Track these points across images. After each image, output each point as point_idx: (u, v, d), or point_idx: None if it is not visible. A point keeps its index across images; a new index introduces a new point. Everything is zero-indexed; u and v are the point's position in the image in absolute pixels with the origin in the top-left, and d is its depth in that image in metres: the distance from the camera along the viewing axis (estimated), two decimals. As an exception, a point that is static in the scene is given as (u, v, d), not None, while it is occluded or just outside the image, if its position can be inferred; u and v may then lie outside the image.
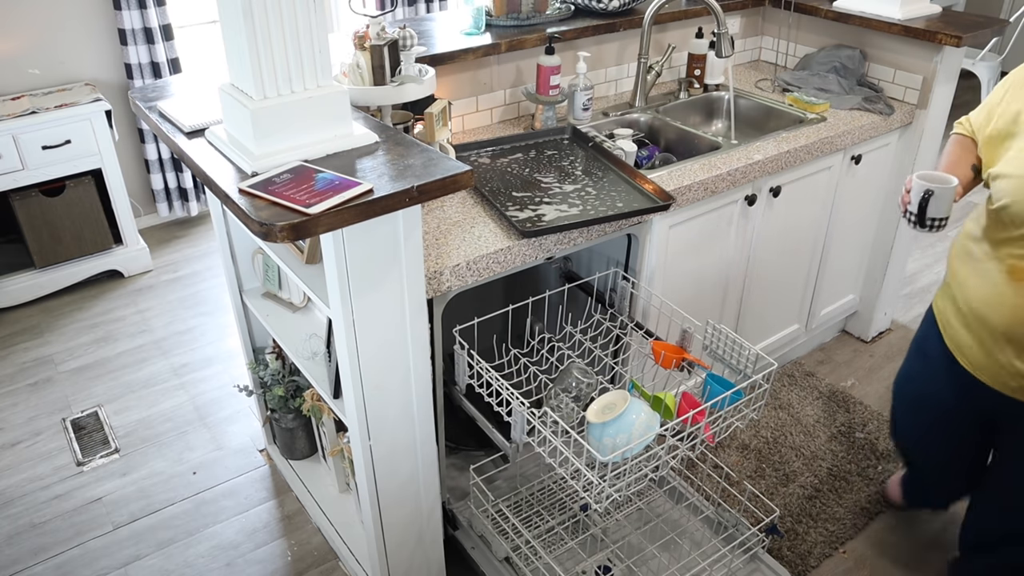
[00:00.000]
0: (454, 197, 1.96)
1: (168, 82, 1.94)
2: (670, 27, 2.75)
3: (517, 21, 2.46)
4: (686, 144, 2.45)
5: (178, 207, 3.90)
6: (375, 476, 1.73)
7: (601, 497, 1.56)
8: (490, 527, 2.01)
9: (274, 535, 2.29)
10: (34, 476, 2.50)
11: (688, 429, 1.65)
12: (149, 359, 3.02)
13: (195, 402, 2.80)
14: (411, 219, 1.50)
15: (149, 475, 2.49)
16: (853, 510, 2.34)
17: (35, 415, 2.75)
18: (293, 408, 2.23)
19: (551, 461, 1.66)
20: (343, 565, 2.20)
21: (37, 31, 3.32)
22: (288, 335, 2.00)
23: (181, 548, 2.25)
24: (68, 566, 2.20)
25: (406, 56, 1.81)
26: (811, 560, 2.19)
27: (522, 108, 2.53)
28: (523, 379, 2.07)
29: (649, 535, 2.08)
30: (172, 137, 1.63)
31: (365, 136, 1.55)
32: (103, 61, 3.52)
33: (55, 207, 3.26)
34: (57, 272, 3.36)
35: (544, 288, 2.25)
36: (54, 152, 3.17)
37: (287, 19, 1.38)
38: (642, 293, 2.13)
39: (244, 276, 2.16)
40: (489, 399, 1.77)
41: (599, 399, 1.63)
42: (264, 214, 1.32)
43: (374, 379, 1.61)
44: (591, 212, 1.90)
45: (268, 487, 2.44)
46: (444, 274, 1.67)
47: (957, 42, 2.44)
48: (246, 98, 1.43)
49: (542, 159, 2.18)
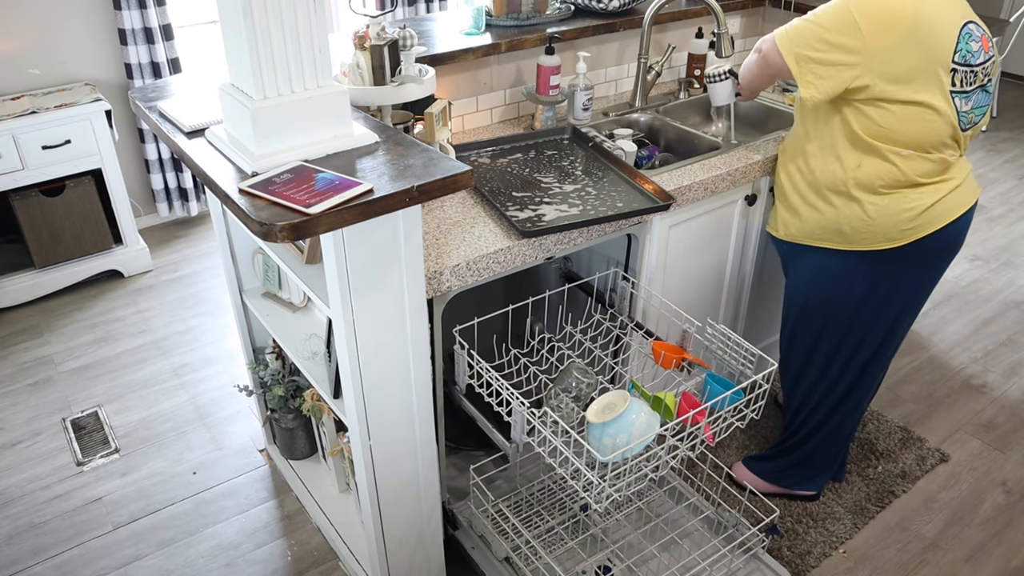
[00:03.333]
0: (454, 197, 1.96)
1: (168, 82, 1.94)
2: (670, 27, 2.75)
3: (517, 21, 2.46)
4: (686, 144, 2.45)
5: (178, 207, 3.90)
6: (375, 476, 1.73)
7: (601, 497, 1.56)
8: (490, 527, 2.01)
9: (274, 535, 2.29)
10: (34, 476, 2.50)
11: (688, 429, 1.65)
12: (149, 359, 3.02)
13: (195, 402, 2.80)
14: (411, 219, 1.50)
15: (149, 475, 2.49)
16: (853, 510, 2.34)
17: (35, 415, 2.75)
18: (293, 408, 2.23)
19: (551, 461, 1.66)
20: (343, 565, 2.20)
21: (37, 31, 3.32)
22: (288, 335, 2.00)
23: (181, 548, 2.25)
24: (68, 566, 2.20)
25: (406, 56, 1.81)
26: (811, 560, 2.19)
27: (522, 108, 2.53)
28: (523, 379, 2.07)
29: (649, 535, 2.08)
30: (172, 137, 1.63)
31: (365, 136, 1.55)
32: (103, 61, 3.52)
33: (55, 207, 3.26)
34: (57, 272, 3.36)
35: (544, 288, 2.25)
36: (54, 152, 3.17)
37: (287, 19, 1.38)
38: (642, 293, 2.13)
39: (244, 276, 2.16)
40: (489, 399, 1.77)
41: (599, 399, 1.63)
42: (264, 214, 1.32)
43: (374, 379, 1.61)
44: (591, 212, 1.90)
45: (268, 487, 2.44)
46: (444, 274, 1.67)
47: (957, 42, 2.44)
48: (246, 98, 1.43)
49: (542, 159, 2.18)
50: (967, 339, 3.11)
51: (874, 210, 1.86)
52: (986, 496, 2.41)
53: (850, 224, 1.89)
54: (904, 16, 1.70)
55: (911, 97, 1.75)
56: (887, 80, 1.74)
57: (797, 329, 2.13)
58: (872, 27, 1.70)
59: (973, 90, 1.81)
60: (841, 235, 1.92)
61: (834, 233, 1.93)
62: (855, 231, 1.89)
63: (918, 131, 1.79)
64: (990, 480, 2.47)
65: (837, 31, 1.74)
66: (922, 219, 1.86)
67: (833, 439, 2.25)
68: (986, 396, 2.82)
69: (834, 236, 1.93)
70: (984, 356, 3.02)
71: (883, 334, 2.05)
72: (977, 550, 2.24)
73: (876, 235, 1.88)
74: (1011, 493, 2.42)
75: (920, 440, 2.60)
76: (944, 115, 1.77)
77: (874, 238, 1.89)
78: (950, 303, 3.34)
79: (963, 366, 2.97)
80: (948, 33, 1.74)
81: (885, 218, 1.86)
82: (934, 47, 1.73)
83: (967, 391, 2.84)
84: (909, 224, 1.86)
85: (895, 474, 2.47)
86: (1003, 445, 2.60)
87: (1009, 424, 2.69)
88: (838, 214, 1.90)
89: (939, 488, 2.44)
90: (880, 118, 1.78)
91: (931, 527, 2.31)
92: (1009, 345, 3.07)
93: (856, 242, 1.91)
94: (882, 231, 1.87)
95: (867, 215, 1.86)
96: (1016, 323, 3.21)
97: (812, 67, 1.78)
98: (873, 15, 1.71)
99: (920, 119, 1.77)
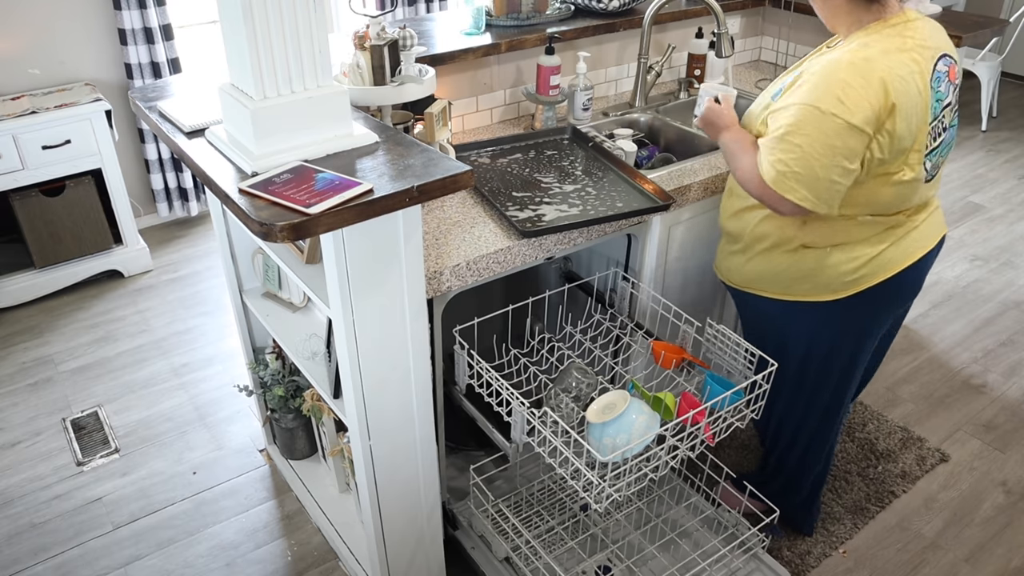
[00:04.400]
0: (454, 197, 1.96)
1: (168, 82, 1.94)
2: (670, 27, 2.75)
3: (517, 21, 2.46)
4: (686, 144, 2.45)
5: (178, 207, 3.90)
6: (375, 476, 1.73)
7: (601, 497, 1.56)
8: (490, 527, 2.01)
9: (274, 535, 2.29)
10: (34, 476, 2.50)
11: (688, 429, 1.65)
12: (149, 359, 3.02)
13: (195, 402, 2.80)
14: (411, 219, 1.50)
15: (149, 475, 2.49)
16: (853, 510, 2.34)
17: (35, 415, 2.75)
18: (293, 408, 2.23)
19: (551, 461, 1.66)
20: (343, 565, 2.20)
21: (37, 31, 3.32)
22: (288, 335, 2.00)
23: (181, 548, 2.25)
24: (68, 566, 2.20)
25: (406, 56, 1.81)
26: (811, 560, 2.19)
27: (522, 108, 2.53)
28: (523, 379, 2.07)
29: (649, 535, 2.08)
30: (172, 137, 1.63)
31: (365, 136, 1.55)
32: (103, 61, 3.52)
33: (55, 207, 3.26)
34: (57, 272, 3.36)
35: (544, 288, 2.25)
36: (54, 152, 3.17)
37: (287, 19, 1.38)
38: (642, 293, 2.13)
39: (244, 276, 2.16)
40: (489, 399, 1.77)
41: (599, 399, 1.63)
42: (264, 214, 1.32)
43: (374, 379, 1.61)
44: (591, 212, 1.90)
45: (268, 487, 2.45)
46: (444, 274, 1.67)
47: (957, 42, 2.44)
48: (246, 98, 1.43)
49: (542, 159, 2.18)
50: (967, 339, 3.11)
51: (814, 262, 1.74)
52: (986, 496, 2.41)
53: (789, 275, 1.79)
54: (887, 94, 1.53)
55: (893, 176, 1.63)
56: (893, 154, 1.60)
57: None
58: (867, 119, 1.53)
59: (940, 142, 1.68)
60: (780, 284, 1.81)
61: (771, 283, 1.83)
62: (795, 282, 1.79)
63: (884, 201, 1.67)
64: (990, 480, 2.47)
65: (846, 145, 1.55)
66: (868, 268, 1.73)
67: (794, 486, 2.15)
68: (986, 396, 2.82)
69: (772, 286, 1.83)
70: (984, 356, 3.02)
71: (834, 382, 1.93)
72: (977, 550, 2.24)
73: (817, 286, 1.77)
74: (1011, 493, 2.42)
75: (920, 440, 2.60)
76: (914, 184, 1.66)
77: (815, 289, 1.77)
78: (950, 303, 3.34)
79: (963, 366, 2.97)
80: (923, 103, 1.59)
81: (825, 269, 1.74)
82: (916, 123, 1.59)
83: (967, 391, 2.84)
84: (852, 275, 1.73)
85: (895, 474, 2.47)
86: (1003, 445, 2.60)
87: (1009, 424, 2.69)
88: (776, 265, 1.79)
89: (939, 488, 2.44)
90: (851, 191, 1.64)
91: (931, 527, 2.31)
92: (1009, 345, 3.07)
93: (796, 293, 1.80)
94: (824, 282, 1.76)
95: (807, 267, 1.75)
96: (1016, 323, 3.21)
97: (838, 191, 1.60)
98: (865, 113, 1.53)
99: (889, 191, 1.65)
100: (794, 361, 1.91)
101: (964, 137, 4.96)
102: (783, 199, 1.61)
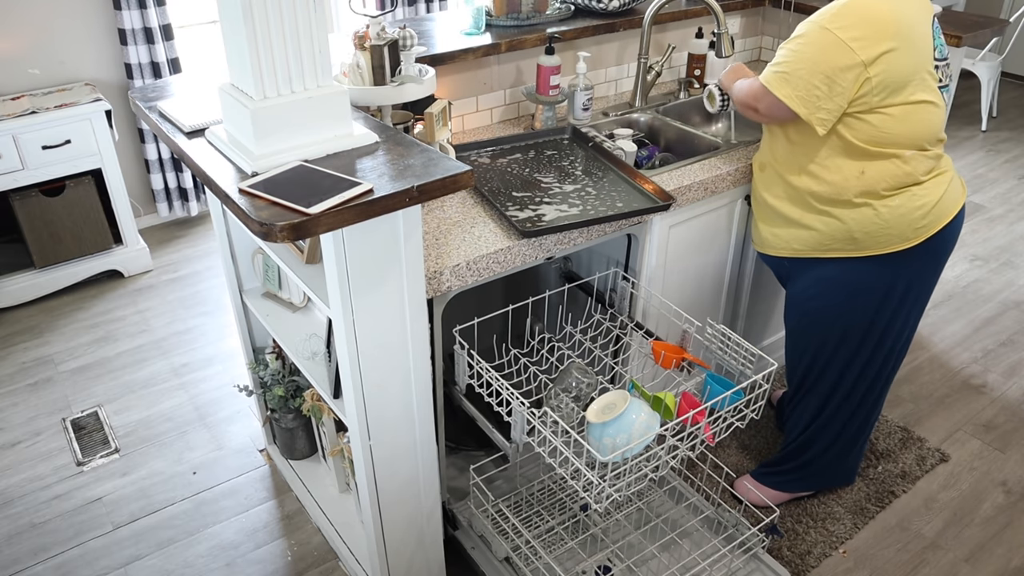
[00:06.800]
0: (454, 197, 1.96)
1: (168, 82, 1.94)
2: (670, 27, 2.75)
3: (517, 21, 2.46)
4: (686, 144, 2.45)
5: (178, 207, 3.90)
6: (375, 476, 1.73)
7: (601, 497, 1.56)
8: (490, 527, 2.01)
9: (274, 535, 2.29)
10: (34, 476, 2.50)
11: (688, 429, 1.65)
12: (149, 359, 3.02)
13: (195, 402, 2.80)
14: (411, 219, 1.50)
15: (149, 475, 2.49)
16: (853, 510, 2.34)
17: (35, 415, 2.75)
18: (293, 408, 2.23)
19: (551, 461, 1.66)
20: (343, 565, 2.20)
21: (37, 31, 3.32)
22: (288, 335, 2.00)
23: (181, 548, 2.25)
24: (68, 566, 2.20)
25: (406, 56, 1.81)
26: (811, 560, 2.19)
27: (522, 108, 2.53)
28: (523, 379, 2.07)
29: (649, 535, 2.08)
30: (172, 137, 1.63)
31: (365, 136, 1.55)
32: (103, 61, 3.52)
33: (55, 207, 3.26)
34: (57, 272, 3.36)
35: (544, 288, 2.25)
36: (54, 152, 3.17)
37: (287, 19, 1.38)
38: (642, 293, 2.13)
39: (244, 276, 2.16)
40: (489, 399, 1.77)
41: (599, 399, 1.63)
42: (264, 214, 1.32)
43: (374, 379, 1.61)
44: (591, 212, 1.90)
45: (268, 487, 2.45)
46: (444, 274, 1.67)
47: (957, 42, 2.44)
48: (246, 98, 1.43)
49: (542, 159, 2.18)
50: (967, 339, 3.11)
51: (887, 212, 1.85)
52: (986, 496, 2.41)
53: (863, 230, 1.88)
54: (886, 22, 1.70)
55: (910, 98, 1.76)
56: (886, 89, 1.74)
57: (809, 342, 2.09)
58: (861, 43, 1.70)
59: (942, 86, 1.85)
60: (854, 242, 1.90)
61: (845, 242, 1.91)
62: (868, 236, 1.88)
63: (919, 130, 1.79)
64: (990, 480, 2.47)
65: (830, 59, 1.72)
66: (932, 215, 1.87)
67: (850, 444, 2.24)
68: (986, 396, 2.82)
69: (846, 245, 1.92)
70: (984, 356, 3.02)
71: (902, 334, 2.05)
72: (977, 550, 2.24)
73: (891, 237, 1.88)
74: (1011, 493, 2.42)
75: (920, 440, 2.60)
76: (940, 107, 1.81)
77: (888, 240, 1.88)
78: (950, 303, 3.34)
79: (963, 366, 2.97)
80: (926, 32, 1.77)
81: (898, 219, 1.86)
82: (919, 47, 1.75)
83: (967, 391, 2.84)
84: (922, 222, 1.87)
85: (895, 474, 2.47)
86: (1003, 445, 2.60)
87: (1009, 424, 2.69)
88: (847, 223, 1.88)
89: (939, 488, 2.44)
90: (881, 123, 1.77)
91: (931, 527, 2.31)
92: (1009, 345, 3.07)
93: (870, 247, 1.90)
94: (897, 232, 1.87)
95: (880, 219, 1.86)
96: (1016, 323, 3.21)
97: (821, 104, 1.76)
98: (857, 31, 1.70)
99: (920, 117, 1.78)
100: (862, 320, 2.00)
101: (964, 137, 4.96)
102: (772, 97, 1.80)
